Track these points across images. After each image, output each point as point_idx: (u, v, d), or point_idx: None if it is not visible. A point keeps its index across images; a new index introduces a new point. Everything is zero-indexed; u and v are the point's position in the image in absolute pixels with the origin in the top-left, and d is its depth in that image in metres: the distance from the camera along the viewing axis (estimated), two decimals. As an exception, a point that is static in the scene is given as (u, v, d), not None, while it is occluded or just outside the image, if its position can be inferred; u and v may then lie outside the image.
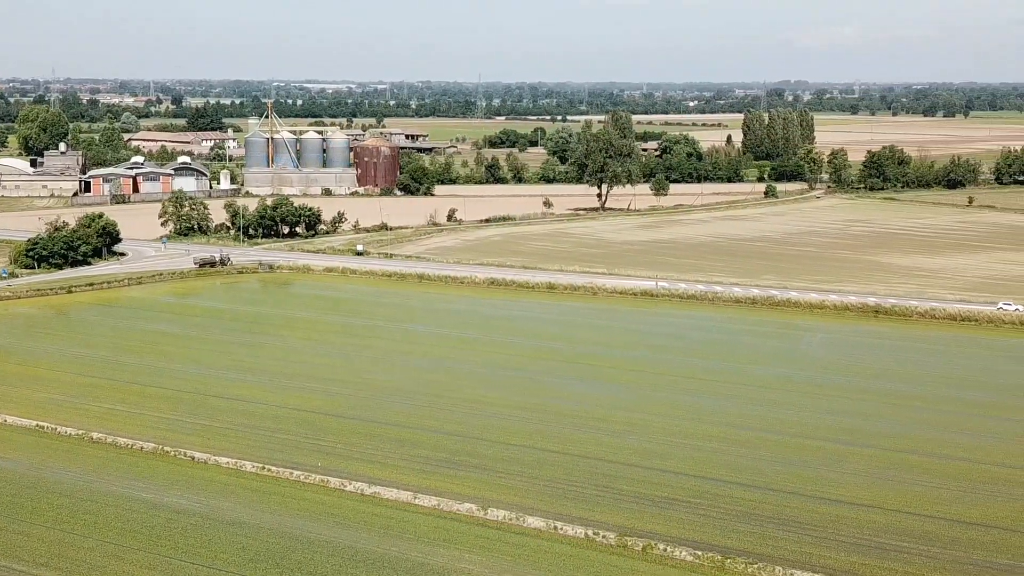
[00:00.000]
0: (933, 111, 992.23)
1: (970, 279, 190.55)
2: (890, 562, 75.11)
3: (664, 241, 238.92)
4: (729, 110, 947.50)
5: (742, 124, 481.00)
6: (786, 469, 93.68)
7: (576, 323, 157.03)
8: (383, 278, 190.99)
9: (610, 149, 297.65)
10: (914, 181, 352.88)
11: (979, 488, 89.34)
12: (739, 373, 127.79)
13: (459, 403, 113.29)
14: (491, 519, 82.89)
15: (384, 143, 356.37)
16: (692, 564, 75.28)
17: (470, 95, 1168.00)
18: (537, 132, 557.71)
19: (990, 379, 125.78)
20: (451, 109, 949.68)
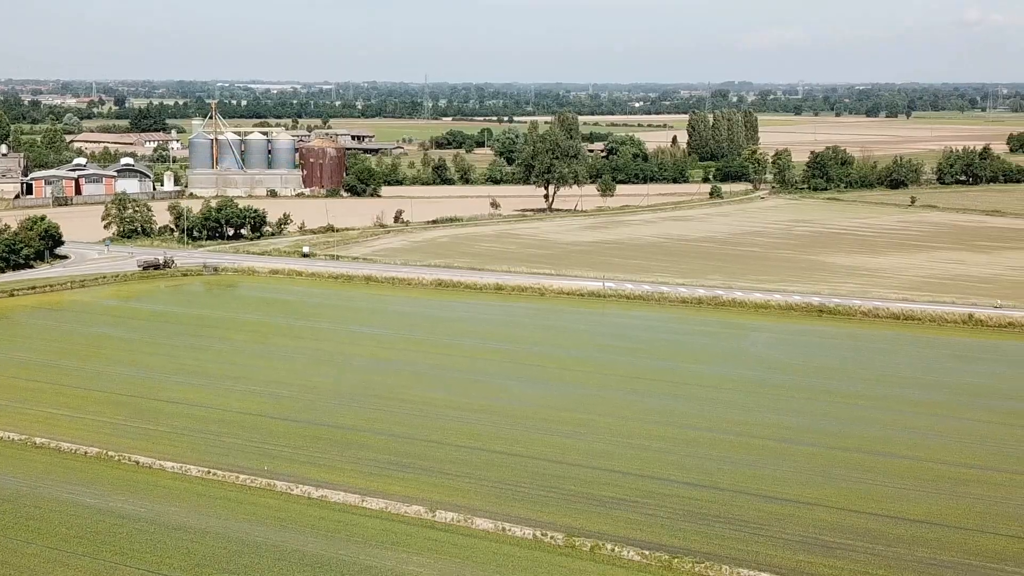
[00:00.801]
0: (876, 111, 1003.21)
1: (912, 278, 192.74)
2: (835, 560, 75.80)
3: (611, 242, 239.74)
4: (674, 111, 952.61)
5: (687, 125, 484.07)
6: (732, 468, 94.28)
7: (523, 324, 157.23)
8: (329, 280, 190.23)
9: (557, 150, 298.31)
10: (857, 181, 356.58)
11: (922, 486, 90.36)
12: (685, 373, 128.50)
13: (406, 405, 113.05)
14: (439, 521, 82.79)
15: (330, 144, 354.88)
16: (640, 564, 75.58)
17: (416, 95, 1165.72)
18: (484, 133, 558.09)
19: (933, 377, 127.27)
20: (397, 109, 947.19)
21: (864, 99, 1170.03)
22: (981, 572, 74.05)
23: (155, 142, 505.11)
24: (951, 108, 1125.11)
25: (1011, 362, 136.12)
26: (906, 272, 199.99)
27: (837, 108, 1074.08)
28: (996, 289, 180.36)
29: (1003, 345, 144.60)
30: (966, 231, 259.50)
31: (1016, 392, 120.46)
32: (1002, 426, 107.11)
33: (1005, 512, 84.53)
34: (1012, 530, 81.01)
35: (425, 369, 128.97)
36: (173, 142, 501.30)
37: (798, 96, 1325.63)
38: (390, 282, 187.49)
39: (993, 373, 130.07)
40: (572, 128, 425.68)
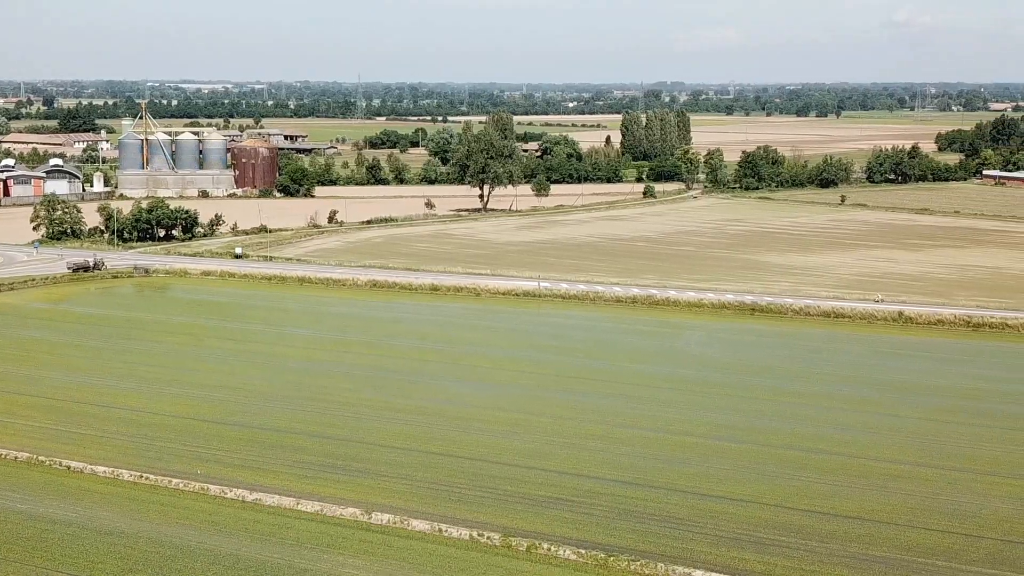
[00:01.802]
0: (806, 111, 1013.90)
1: (843, 276, 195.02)
2: (769, 556, 76.49)
3: (546, 241, 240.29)
4: (608, 111, 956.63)
5: (621, 125, 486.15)
6: (667, 466, 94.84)
7: (459, 324, 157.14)
8: (262, 281, 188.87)
9: (491, 150, 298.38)
10: (788, 180, 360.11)
11: (854, 482, 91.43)
12: (620, 372, 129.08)
13: (341, 407, 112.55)
14: (375, 523, 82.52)
15: (262, 144, 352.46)
16: (576, 563, 75.80)
17: (350, 95, 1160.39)
18: (418, 133, 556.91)
19: (864, 374, 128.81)
20: (330, 109, 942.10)
21: (794, 99, 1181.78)
22: (913, 567, 75.07)
23: (85, 143, 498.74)
24: (880, 108, 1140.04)
25: (940, 359, 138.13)
26: (837, 270, 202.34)
27: (768, 108, 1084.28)
28: (927, 286, 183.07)
29: (932, 342, 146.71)
30: (896, 229, 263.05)
31: (944, 388, 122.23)
32: (931, 422, 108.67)
33: (935, 507, 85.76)
34: (942, 525, 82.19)
35: (360, 371, 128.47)
36: (103, 143, 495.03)
37: (730, 96, 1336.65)
38: (324, 283, 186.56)
39: (922, 369, 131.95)
40: (506, 128, 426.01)
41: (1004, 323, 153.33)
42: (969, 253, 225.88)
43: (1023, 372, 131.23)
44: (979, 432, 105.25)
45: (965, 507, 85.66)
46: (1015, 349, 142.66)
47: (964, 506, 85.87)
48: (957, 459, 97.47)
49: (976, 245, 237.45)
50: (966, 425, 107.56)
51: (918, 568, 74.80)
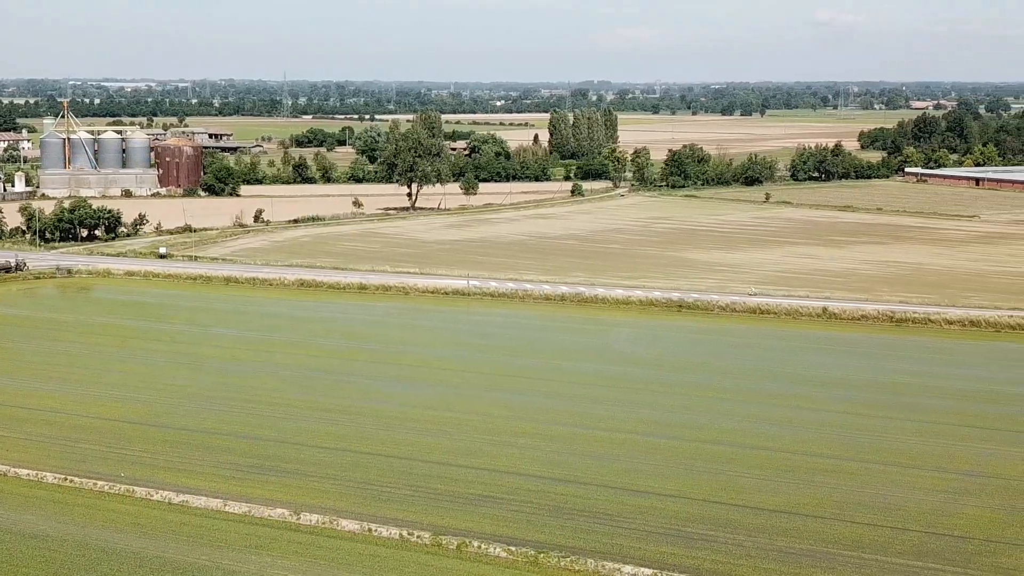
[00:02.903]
0: (731, 110, 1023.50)
1: (768, 273, 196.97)
2: (697, 551, 77.03)
3: (475, 240, 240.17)
4: (535, 110, 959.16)
5: (548, 124, 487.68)
6: (597, 463, 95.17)
7: (388, 323, 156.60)
8: (188, 281, 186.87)
9: (419, 148, 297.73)
10: (714, 179, 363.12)
11: (781, 476, 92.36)
12: (549, 369, 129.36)
13: (269, 407, 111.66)
14: (304, 524, 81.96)
15: (186, 142, 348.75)
16: (506, 560, 75.83)
17: (275, 93, 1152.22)
18: (345, 131, 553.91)
19: (789, 370, 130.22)
20: (256, 108, 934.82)
21: (719, 98, 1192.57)
22: (838, 559, 75.97)
23: (5, 142, 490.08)
24: (803, 106, 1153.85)
25: (864, 354, 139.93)
26: (762, 267, 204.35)
27: (693, 107, 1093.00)
28: (850, 283, 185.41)
29: (856, 337, 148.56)
30: (819, 226, 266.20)
31: (868, 383, 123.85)
32: (855, 416, 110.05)
33: (859, 500, 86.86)
34: (867, 518, 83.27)
35: (287, 371, 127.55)
36: (24, 142, 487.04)
37: (656, 95, 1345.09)
38: (251, 283, 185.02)
39: (846, 364, 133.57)
40: (434, 126, 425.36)
41: (927, 318, 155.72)
42: (892, 249, 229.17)
43: (945, 366, 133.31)
44: (903, 426, 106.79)
45: (890, 500, 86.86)
46: (937, 344, 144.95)
47: (889, 499, 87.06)
48: (881, 453, 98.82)
49: (898, 242, 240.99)
50: (890, 419, 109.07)
51: (844, 561, 75.72)
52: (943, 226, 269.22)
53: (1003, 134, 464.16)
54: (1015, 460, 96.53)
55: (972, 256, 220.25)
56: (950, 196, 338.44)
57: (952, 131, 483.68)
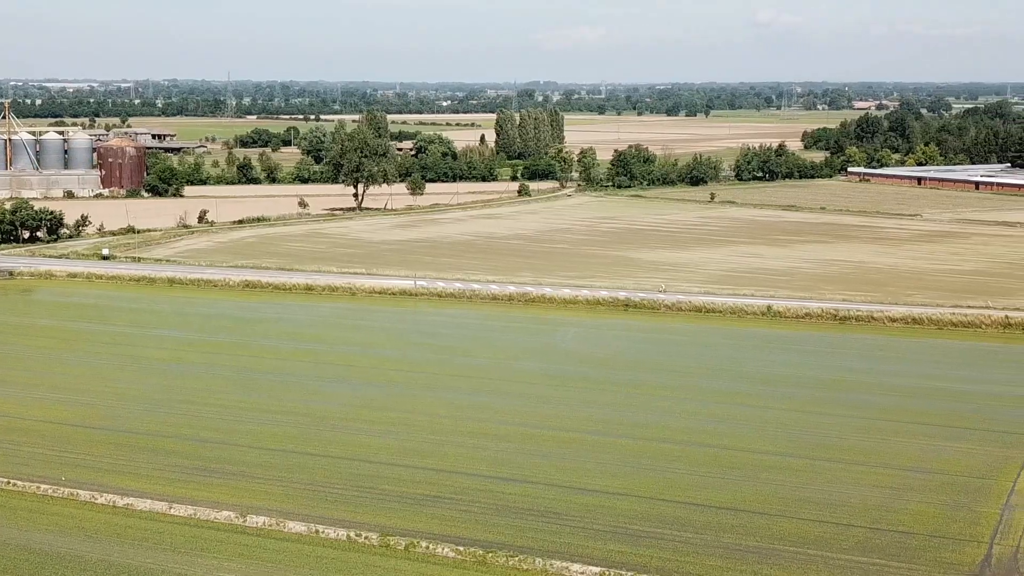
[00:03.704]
0: (676, 111, 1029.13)
1: (713, 272, 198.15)
2: (644, 548, 77.34)
3: (422, 240, 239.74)
4: (482, 110, 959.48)
5: (495, 124, 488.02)
6: (544, 462, 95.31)
7: (334, 324, 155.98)
8: (131, 283, 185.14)
9: (365, 148, 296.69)
10: (659, 179, 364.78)
11: (728, 473, 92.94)
12: (497, 369, 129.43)
13: (214, 409, 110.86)
14: (250, 526, 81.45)
15: (129, 143, 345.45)
16: (454, 560, 75.76)
17: (219, 93, 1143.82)
18: (290, 131, 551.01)
19: (734, 367, 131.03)
20: (200, 108, 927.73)
21: (664, 98, 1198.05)
22: (784, 556, 76.56)
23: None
24: (747, 107, 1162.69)
25: (808, 351, 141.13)
26: (707, 266, 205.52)
27: (639, 108, 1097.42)
28: (794, 281, 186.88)
29: (800, 335, 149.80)
30: (763, 226, 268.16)
31: (813, 380, 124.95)
32: (800, 413, 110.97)
33: (805, 497, 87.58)
34: (813, 514, 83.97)
35: (233, 372, 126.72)
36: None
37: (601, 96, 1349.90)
38: (195, 284, 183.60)
39: (791, 362, 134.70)
40: (380, 127, 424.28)
41: (870, 316, 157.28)
42: (835, 248, 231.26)
43: (888, 363, 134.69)
44: (847, 422, 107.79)
45: (835, 496, 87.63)
46: (880, 341, 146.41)
47: (834, 495, 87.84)
48: (826, 449, 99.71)
49: (841, 240, 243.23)
50: (834, 416, 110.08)
51: (790, 557, 76.32)
52: (886, 225, 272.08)
53: (944, 134, 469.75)
54: (958, 456, 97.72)
55: (914, 254, 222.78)
56: (892, 195, 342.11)
57: (894, 131, 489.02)
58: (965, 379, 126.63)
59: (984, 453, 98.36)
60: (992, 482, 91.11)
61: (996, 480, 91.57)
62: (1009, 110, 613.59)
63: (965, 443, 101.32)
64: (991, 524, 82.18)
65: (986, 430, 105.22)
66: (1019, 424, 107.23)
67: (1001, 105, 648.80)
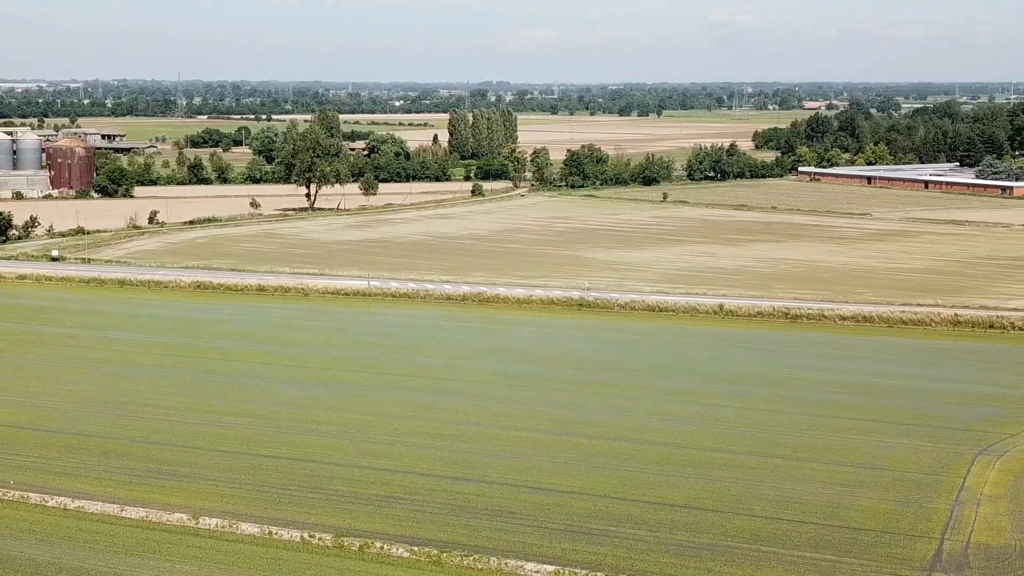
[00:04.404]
0: (628, 111, 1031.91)
1: (666, 271, 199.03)
2: (598, 546, 77.52)
3: (375, 240, 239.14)
4: (435, 110, 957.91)
5: (448, 124, 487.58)
6: (499, 461, 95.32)
7: (287, 325, 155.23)
8: (81, 284, 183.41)
9: (318, 148, 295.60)
10: (612, 178, 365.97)
11: (681, 471, 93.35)
12: (451, 369, 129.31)
13: (166, 411, 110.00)
14: (203, 528, 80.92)
15: (79, 143, 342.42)
16: (409, 560, 75.63)
17: (169, 93, 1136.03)
18: (242, 131, 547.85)
19: (688, 366, 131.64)
20: (150, 108, 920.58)
21: (617, 99, 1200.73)
22: (737, 552, 76.99)
23: None
24: (699, 107, 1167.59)
25: (760, 350, 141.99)
26: (660, 265, 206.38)
27: (592, 108, 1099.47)
28: (746, 280, 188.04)
29: (752, 333, 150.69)
30: (715, 225, 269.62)
31: (765, 378, 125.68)
32: (752, 411, 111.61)
33: (757, 494, 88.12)
34: (765, 511, 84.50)
35: (184, 374, 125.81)
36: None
37: (554, 96, 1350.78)
38: (146, 285, 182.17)
39: (743, 360, 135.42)
40: (333, 126, 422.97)
41: (821, 314, 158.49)
42: (786, 247, 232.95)
43: (839, 361, 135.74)
44: (799, 420, 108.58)
45: (787, 493, 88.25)
46: (831, 339, 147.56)
47: (786, 492, 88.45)
48: (779, 447, 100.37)
49: (792, 239, 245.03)
50: (786, 414, 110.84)
51: (743, 554, 76.76)
52: (836, 224, 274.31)
53: (894, 133, 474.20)
54: (908, 452, 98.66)
55: (864, 253, 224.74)
56: (843, 194, 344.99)
57: (844, 131, 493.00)
58: (915, 376, 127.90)
59: (934, 450, 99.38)
60: (942, 478, 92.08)
61: (946, 476, 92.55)
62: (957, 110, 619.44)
63: (916, 440, 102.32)
64: (942, 520, 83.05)
65: (936, 427, 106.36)
66: (969, 421, 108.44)
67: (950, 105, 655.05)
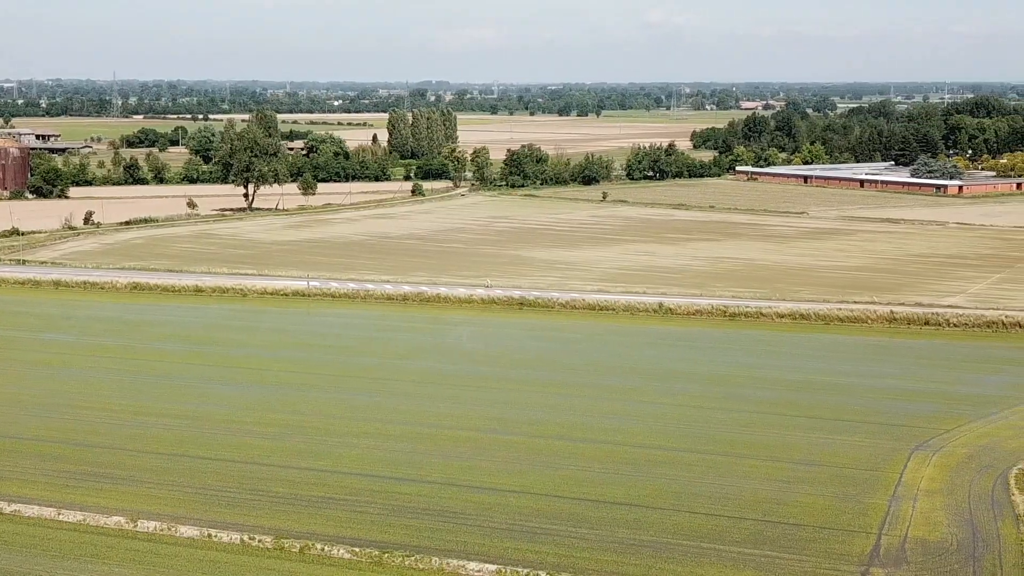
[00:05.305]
0: (567, 111, 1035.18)
1: (606, 270, 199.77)
2: (540, 545, 77.60)
3: (314, 240, 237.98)
4: (373, 109, 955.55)
5: (387, 123, 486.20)
6: (440, 461, 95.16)
7: (225, 326, 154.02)
8: (15, 286, 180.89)
9: (256, 148, 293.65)
10: (552, 178, 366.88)
11: (621, 469, 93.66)
12: (392, 369, 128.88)
13: (103, 413, 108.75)
14: (141, 531, 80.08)
15: (12, 144, 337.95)
16: (350, 561, 75.29)
17: (105, 93, 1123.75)
18: (178, 131, 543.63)
19: (628, 364, 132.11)
20: (85, 108, 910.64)
21: (556, 99, 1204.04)
22: (678, 549, 77.37)
23: None
24: (638, 107, 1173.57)
25: (699, 348, 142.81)
26: (600, 264, 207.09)
27: (531, 108, 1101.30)
28: (685, 278, 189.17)
29: (692, 331, 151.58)
30: (655, 224, 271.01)
31: (704, 376, 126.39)
32: (692, 408, 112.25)
33: (697, 491, 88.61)
34: (705, 508, 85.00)
35: (122, 376, 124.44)
36: None
37: (494, 96, 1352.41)
38: (82, 286, 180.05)
39: (683, 358, 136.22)
40: (271, 126, 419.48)
41: (759, 312, 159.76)
42: (724, 246, 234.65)
43: (777, 358, 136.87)
44: (738, 417, 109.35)
45: (727, 490, 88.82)
46: (769, 336, 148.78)
47: (726, 489, 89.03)
48: (718, 443, 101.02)
49: (730, 238, 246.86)
50: (726, 411, 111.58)
51: (683, 550, 77.16)
52: (773, 223, 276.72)
53: (830, 133, 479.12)
54: (846, 448, 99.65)
55: (801, 251, 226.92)
56: (779, 193, 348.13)
57: (781, 130, 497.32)
58: (852, 373, 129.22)
59: (872, 445, 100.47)
60: (880, 474, 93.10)
61: (884, 472, 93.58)
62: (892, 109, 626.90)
63: (853, 436, 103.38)
64: (879, 515, 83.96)
65: (873, 423, 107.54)
66: (905, 416, 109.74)
67: (884, 104, 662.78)
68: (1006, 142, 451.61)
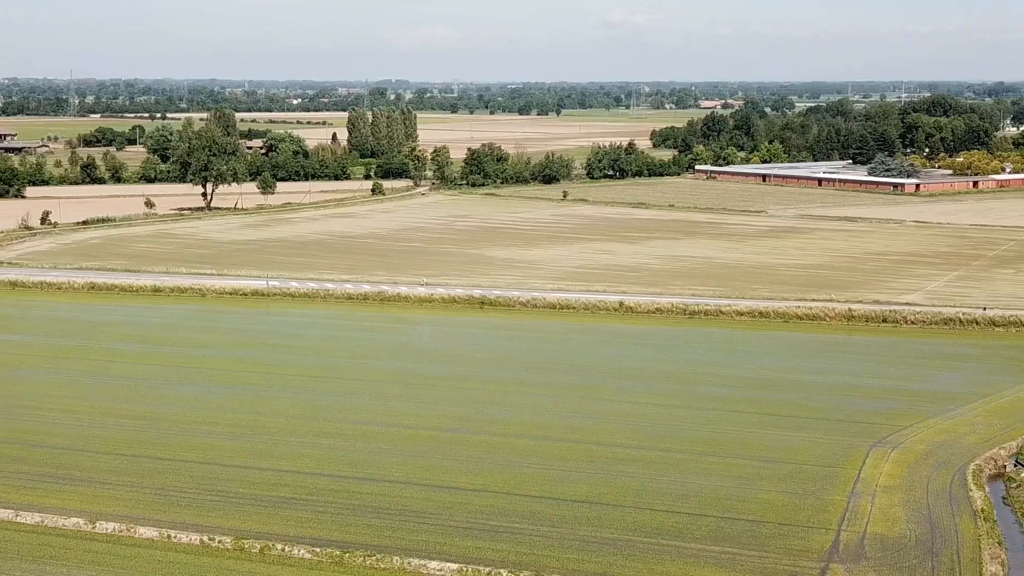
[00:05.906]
0: (527, 110, 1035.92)
1: (567, 269, 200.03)
2: (501, 543, 77.69)
3: (273, 239, 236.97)
4: (333, 108, 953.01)
5: (347, 122, 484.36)
6: (402, 460, 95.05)
7: (184, 326, 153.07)
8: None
9: (214, 147, 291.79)
10: (512, 177, 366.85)
11: (583, 467, 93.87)
12: (353, 368, 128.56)
13: (61, 414, 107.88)
14: (100, 532, 79.51)
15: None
16: (311, 561, 75.08)
17: (61, 92, 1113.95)
18: (136, 130, 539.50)
19: (589, 363, 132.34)
20: (41, 107, 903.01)
21: (516, 98, 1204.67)
22: (639, 546, 77.67)
23: None
24: (598, 106, 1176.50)
25: (659, 346, 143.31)
26: (560, 263, 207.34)
27: (491, 107, 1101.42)
28: (645, 277, 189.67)
29: (652, 330, 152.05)
30: (615, 223, 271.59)
31: (665, 373, 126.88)
32: (652, 406, 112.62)
33: (658, 488, 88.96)
34: (666, 505, 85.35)
35: (79, 376, 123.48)
36: None
37: (454, 95, 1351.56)
38: (38, 287, 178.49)
39: (644, 356, 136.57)
40: (229, 125, 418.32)
41: (718, 310, 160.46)
42: (683, 244, 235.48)
43: (737, 356, 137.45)
44: (698, 414, 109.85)
45: (687, 487, 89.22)
46: (728, 334, 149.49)
47: (686, 486, 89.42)
48: (679, 441, 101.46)
49: (689, 236, 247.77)
50: (686, 408, 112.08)
51: (644, 547, 77.45)
52: (731, 221, 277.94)
53: (788, 132, 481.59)
54: (805, 445, 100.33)
55: (760, 250, 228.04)
56: (738, 192, 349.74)
57: (739, 129, 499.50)
58: (811, 370, 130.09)
59: (830, 442, 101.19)
60: (839, 470, 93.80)
61: (842, 468, 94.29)
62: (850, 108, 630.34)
63: (812, 433, 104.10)
64: (838, 511, 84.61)
65: (832, 419, 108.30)
66: (864, 413, 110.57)
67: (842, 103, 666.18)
68: (963, 141, 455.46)
